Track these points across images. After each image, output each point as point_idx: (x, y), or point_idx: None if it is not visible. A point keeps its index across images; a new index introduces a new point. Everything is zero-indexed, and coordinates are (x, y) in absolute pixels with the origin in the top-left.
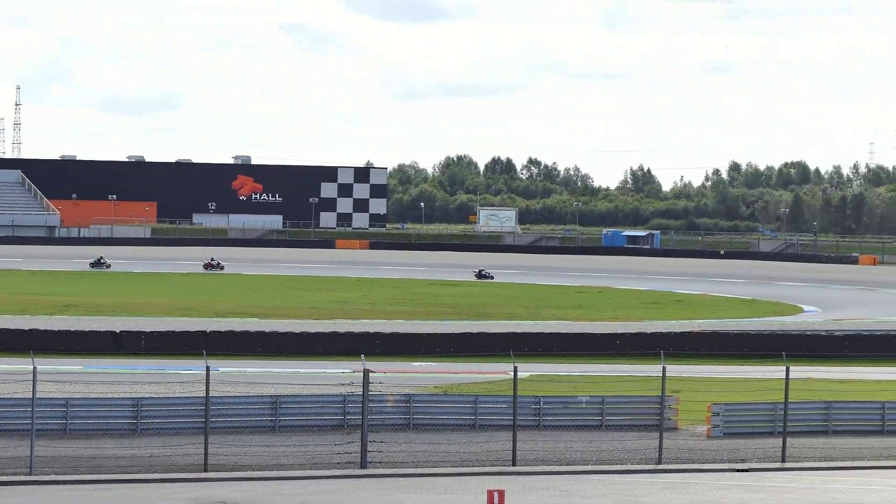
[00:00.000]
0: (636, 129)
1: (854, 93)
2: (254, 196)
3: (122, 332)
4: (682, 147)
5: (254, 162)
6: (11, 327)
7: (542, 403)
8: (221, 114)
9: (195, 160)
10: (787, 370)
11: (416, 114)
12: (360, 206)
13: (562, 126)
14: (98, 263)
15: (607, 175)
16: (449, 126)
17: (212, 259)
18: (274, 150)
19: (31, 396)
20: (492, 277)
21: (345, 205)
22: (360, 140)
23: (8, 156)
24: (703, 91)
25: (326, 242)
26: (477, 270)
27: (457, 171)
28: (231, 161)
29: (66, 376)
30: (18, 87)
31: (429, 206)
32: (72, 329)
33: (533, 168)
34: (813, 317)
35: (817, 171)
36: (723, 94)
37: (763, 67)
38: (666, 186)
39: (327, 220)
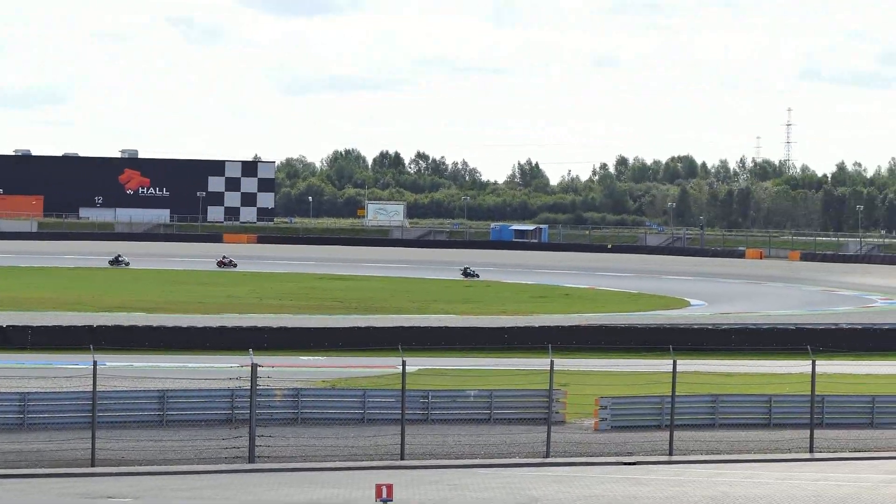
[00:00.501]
0: (524, 123)
1: (741, 87)
2: (141, 190)
3: (8, 326)
4: (570, 141)
5: (141, 156)
6: None
7: (430, 397)
8: (108, 107)
9: (82, 154)
10: (674, 364)
11: (304, 108)
12: (248, 200)
13: (449, 120)
14: None
15: (495, 169)
16: (337, 120)
17: (224, 257)
18: (161, 144)
19: None
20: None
21: (232, 199)
22: (247, 134)
23: None
24: (590, 85)
25: (214, 237)
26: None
27: (345, 165)
28: (118, 155)
29: None
30: None
31: (317, 201)
32: None
33: (421, 162)
34: (700, 310)
35: (704, 165)
36: (610, 89)
37: (650, 61)
38: (554, 181)
39: (215, 214)
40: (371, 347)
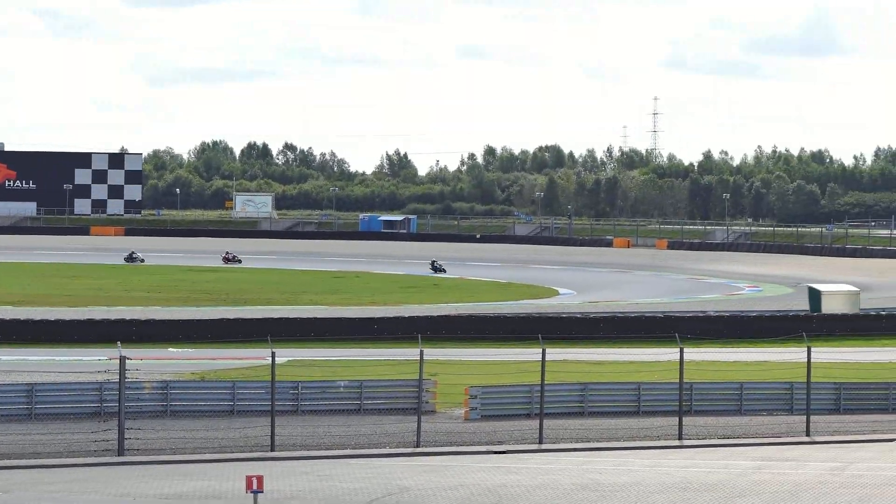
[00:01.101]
0: (392, 113)
1: (607, 76)
2: (7, 183)
3: None
4: (438, 131)
5: (7, 149)
6: None
7: (300, 388)
8: None
9: None
10: (543, 352)
11: (171, 99)
12: (115, 192)
13: (317, 111)
14: None
15: (363, 160)
16: (204, 111)
17: (227, 252)
18: (28, 137)
19: None
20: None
21: (99, 191)
22: (114, 126)
23: None
24: (457, 75)
25: (81, 229)
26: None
27: (212, 156)
28: None
29: None
30: None
31: (184, 192)
32: None
33: (289, 153)
34: (568, 299)
35: (571, 154)
36: (477, 79)
37: (517, 51)
38: (422, 171)
39: (82, 206)
40: (240, 339)
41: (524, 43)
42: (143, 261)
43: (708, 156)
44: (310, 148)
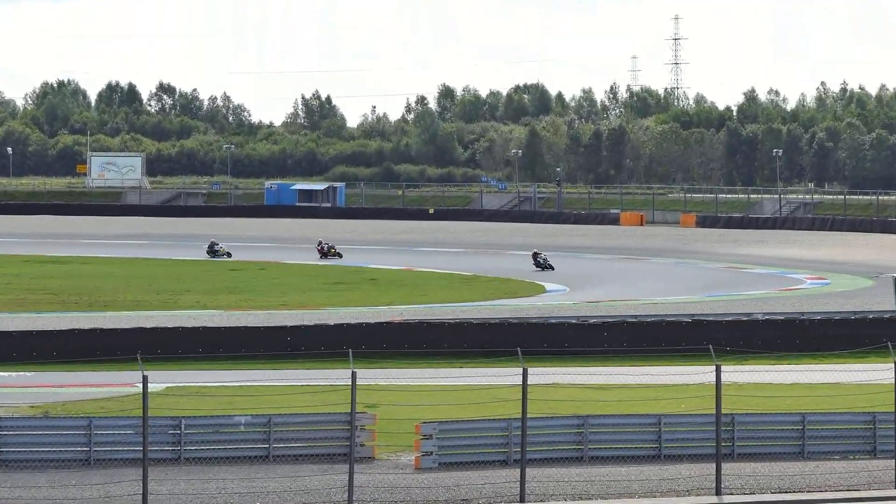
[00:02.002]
0: (308, 43)
1: None
2: None
3: None
4: (373, 67)
5: None
6: None
7: (183, 427)
8: None
9: None
10: (525, 373)
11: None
12: None
13: (203, 41)
14: None
15: (270, 107)
16: (47, 41)
17: (322, 242)
18: None
19: None
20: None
21: None
22: None
23: None
24: None
25: None
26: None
27: (58, 103)
28: None
29: None
30: None
31: (19, 153)
32: None
33: (165, 98)
34: (559, 298)
35: (560, 97)
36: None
37: None
38: (352, 121)
39: None
40: (99, 358)
41: None
42: (229, 255)
43: (751, 97)
44: (194, 90)
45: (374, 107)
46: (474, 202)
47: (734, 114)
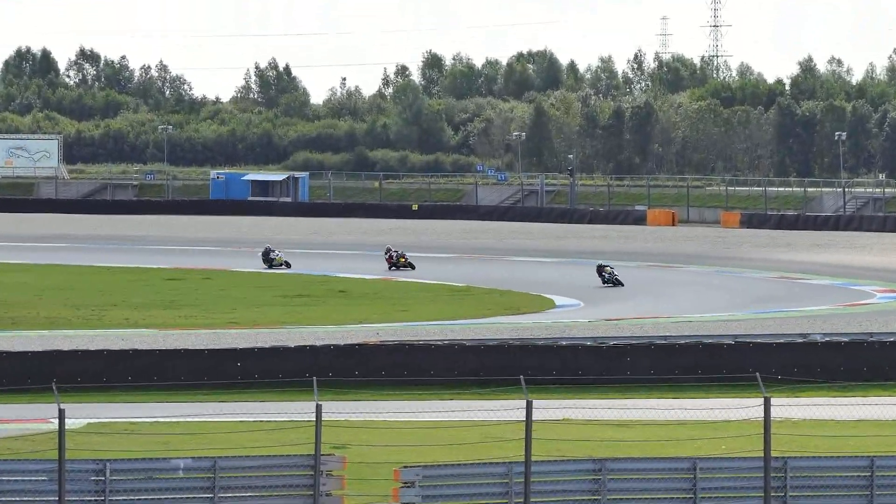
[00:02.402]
0: (263, 4)
1: None
2: None
3: None
4: (342, 31)
5: None
6: None
7: (108, 472)
8: None
9: None
10: (529, 406)
11: None
12: None
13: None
14: None
15: (216, 80)
16: None
17: (390, 249)
18: None
19: None
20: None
21: None
22: None
23: None
24: None
25: None
26: (388, 253)
27: None
28: None
29: None
30: None
31: None
32: None
33: (87, 67)
34: (572, 315)
35: (573, 67)
36: None
37: None
38: (317, 97)
39: None
40: (5, 388)
41: None
42: (289, 265)
43: (808, 67)
44: (123, 58)
45: (344, 79)
46: (467, 196)
47: (787, 88)
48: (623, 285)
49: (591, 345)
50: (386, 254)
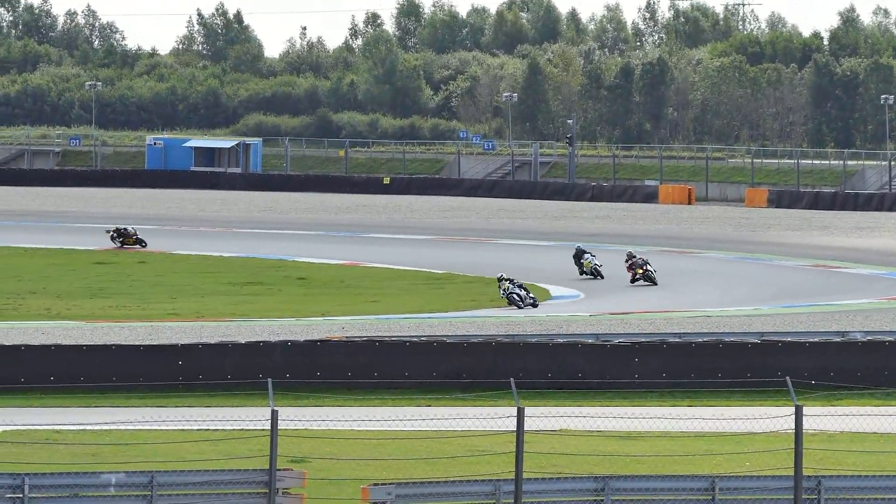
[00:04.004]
0: None
1: None
2: None
3: None
4: None
5: None
6: None
7: (27, 488)
8: None
9: None
10: (520, 415)
11: None
12: None
13: None
14: None
15: (154, 28)
16: None
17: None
18: None
19: None
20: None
21: None
22: None
23: None
24: None
25: None
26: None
27: None
28: None
29: None
30: None
31: None
32: None
33: (2, 10)
34: (570, 308)
35: (574, 16)
36: None
37: None
38: (273, 49)
39: None
40: None
41: None
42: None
43: (849, 19)
44: (44, 2)
45: (304, 28)
46: (448, 168)
47: (825, 43)
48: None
49: (592, 343)
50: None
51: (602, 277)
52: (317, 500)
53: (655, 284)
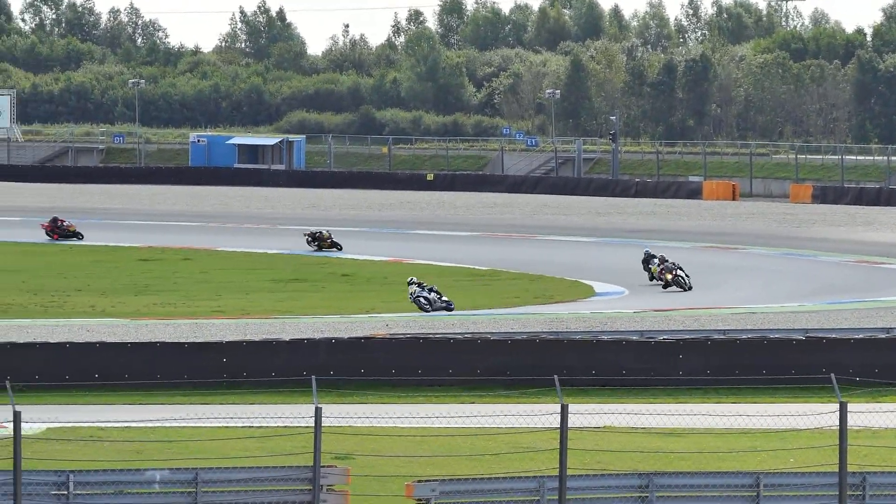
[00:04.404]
0: None
1: None
2: None
3: None
4: None
5: None
6: None
7: (72, 486)
8: None
9: None
10: (564, 412)
11: None
12: None
13: None
14: None
15: (198, 26)
16: None
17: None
18: None
19: None
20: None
21: None
22: None
23: None
24: None
25: None
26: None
27: None
28: None
29: None
30: None
31: None
32: None
33: (45, 10)
34: (614, 304)
35: (616, 13)
36: None
37: None
38: (316, 47)
39: None
40: None
41: None
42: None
43: (892, 15)
44: (87, 1)
45: (347, 26)
46: (492, 165)
47: (868, 39)
48: (692, 289)
49: (636, 340)
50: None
51: (691, 289)
52: (361, 496)
53: (690, 289)
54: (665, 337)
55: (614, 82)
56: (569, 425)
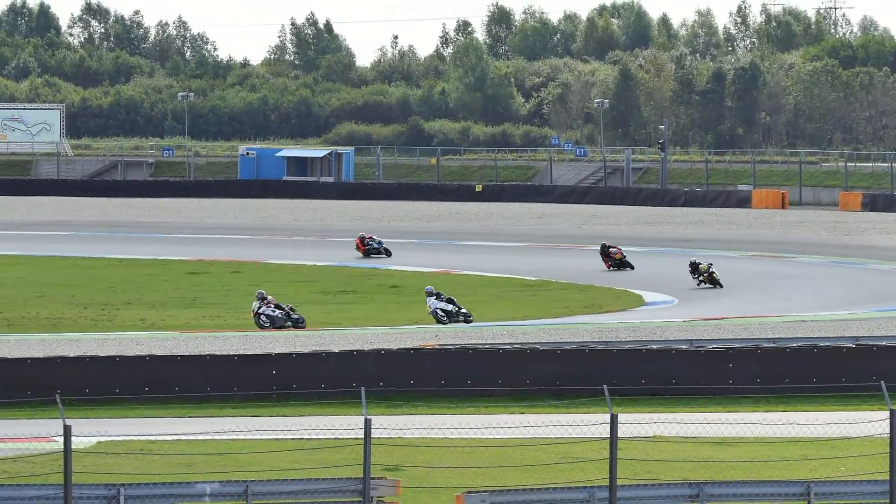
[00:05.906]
0: None
1: None
2: None
3: None
4: None
5: None
6: None
7: (123, 499)
8: None
9: None
10: (614, 421)
11: None
12: None
13: None
14: None
15: (246, 39)
16: None
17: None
18: None
19: None
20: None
21: None
22: None
23: None
24: None
25: None
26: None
27: None
28: None
29: None
30: None
31: None
32: None
33: (94, 24)
34: (663, 314)
35: (665, 22)
36: None
37: None
38: (364, 58)
39: None
40: (1, 401)
41: None
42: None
43: None
44: (136, 14)
45: (396, 37)
46: (540, 175)
47: None
48: (722, 286)
49: (686, 349)
50: (358, 238)
51: (721, 286)
52: None
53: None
54: (715, 346)
55: (663, 91)
56: (619, 435)
